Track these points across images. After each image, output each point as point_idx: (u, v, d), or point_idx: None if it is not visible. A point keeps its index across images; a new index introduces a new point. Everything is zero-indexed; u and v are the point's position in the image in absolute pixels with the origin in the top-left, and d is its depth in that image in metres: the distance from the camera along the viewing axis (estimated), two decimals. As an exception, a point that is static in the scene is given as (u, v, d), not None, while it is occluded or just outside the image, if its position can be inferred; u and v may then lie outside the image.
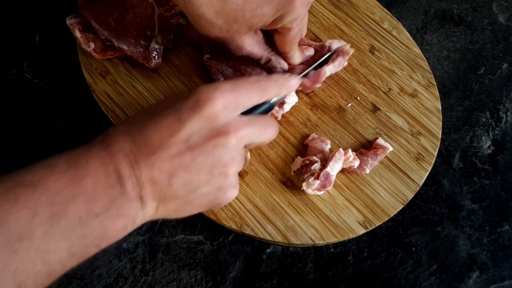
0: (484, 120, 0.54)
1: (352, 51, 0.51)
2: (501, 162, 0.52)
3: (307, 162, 0.47)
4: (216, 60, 0.50)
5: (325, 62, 0.51)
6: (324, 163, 0.46)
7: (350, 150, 0.47)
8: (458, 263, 0.47)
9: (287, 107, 0.49)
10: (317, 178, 0.45)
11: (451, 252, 0.47)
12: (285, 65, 0.48)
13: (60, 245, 0.28)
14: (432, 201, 0.50)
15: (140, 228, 0.48)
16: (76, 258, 0.29)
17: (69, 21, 0.52)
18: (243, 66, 0.49)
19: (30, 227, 0.27)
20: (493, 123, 0.54)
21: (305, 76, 0.49)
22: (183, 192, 0.32)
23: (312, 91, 0.52)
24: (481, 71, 0.58)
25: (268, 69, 0.49)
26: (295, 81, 0.39)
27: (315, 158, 0.46)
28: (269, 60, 0.47)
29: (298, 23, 0.42)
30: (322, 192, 0.46)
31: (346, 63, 0.51)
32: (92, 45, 0.52)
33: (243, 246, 0.47)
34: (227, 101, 0.32)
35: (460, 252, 0.47)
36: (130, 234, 0.47)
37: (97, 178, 0.29)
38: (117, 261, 0.46)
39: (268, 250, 0.47)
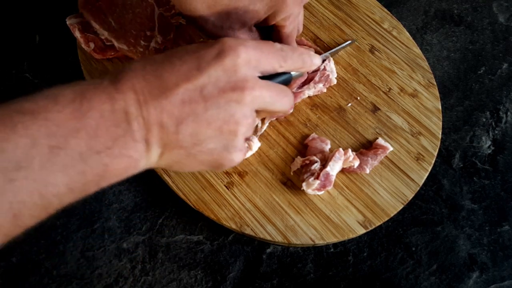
0: (484, 120, 0.54)
1: (335, 82, 0.51)
2: (501, 162, 0.52)
3: (307, 162, 0.47)
4: None
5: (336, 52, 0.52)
6: (324, 163, 0.46)
7: (350, 150, 0.47)
8: (458, 263, 0.47)
9: (254, 148, 0.48)
10: (317, 178, 0.45)
11: (451, 252, 0.47)
12: None
13: (58, 179, 0.27)
14: (432, 201, 0.50)
15: (140, 228, 0.48)
16: (74, 194, 0.28)
17: (69, 21, 0.52)
18: None
19: (28, 157, 0.26)
20: (493, 123, 0.54)
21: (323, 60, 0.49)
22: (188, 143, 0.31)
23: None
24: (481, 71, 0.58)
25: None
26: (317, 60, 0.39)
27: (315, 158, 0.46)
28: None
29: (291, 21, 0.42)
30: (322, 192, 0.46)
31: (325, 90, 0.51)
32: (92, 45, 0.52)
33: (243, 246, 0.47)
34: (249, 57, 0.32)
35: (460, 252, 0.47)
36: (130, 234, 0.47)
37: (102, 114, 0.28)
38: (117, 261, 0.46)
39: (268, 250, 0.47)
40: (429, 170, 0.48)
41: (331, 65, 0.51)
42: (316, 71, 0.50)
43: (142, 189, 0.49)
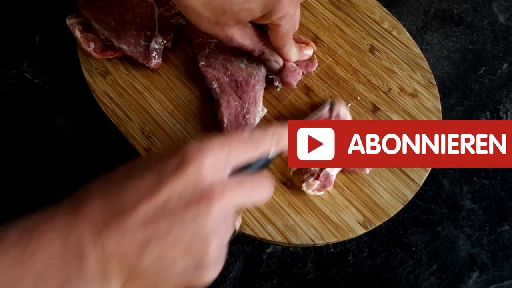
0: (484, 120, 0.54)
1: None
2: (501, 162, 0.52)
3: (307, 162, 0.47)
4: (212, 67, 0.50)
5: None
6: (324, 163, 0.46)
7: (350, 150, 0.47)
8: (458, 263, 0.47)
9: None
10: (317, 178, 0.45)
11: (451, 252, 0.47)
12: (279, 59, 0.48)
13: None
14: (432, 201, 0.50)
15: (140, 228, 0.47)
16: None
17: (69, 21, 0.52)
18: (240, 79, 0.49)
19: None
20: (493, 123, 0.54)
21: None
22: (153, 269, 0.28)
23: (312, 91, 0.52)
24: (481, 71, 0.58)
25: (263, 61, 0.49)
26: None
27: (315, 158, 0.46)
28: (262, 53, 0.47)
29: (287, 21, 0.42)
30: (322, 192, 0.46)
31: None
32: (92, 45, 0.52)
33: (243, 246, 0.47)
34: (215, 160, 0.29)
35: (460, 252, 0.47)
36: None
37: (51, 255, 0.26)
38: (117, 261, 0.46)
39: (268, 250, 0.47)
40: (429, 170, 0.48)
41: (343, 109, 0.48)
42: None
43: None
